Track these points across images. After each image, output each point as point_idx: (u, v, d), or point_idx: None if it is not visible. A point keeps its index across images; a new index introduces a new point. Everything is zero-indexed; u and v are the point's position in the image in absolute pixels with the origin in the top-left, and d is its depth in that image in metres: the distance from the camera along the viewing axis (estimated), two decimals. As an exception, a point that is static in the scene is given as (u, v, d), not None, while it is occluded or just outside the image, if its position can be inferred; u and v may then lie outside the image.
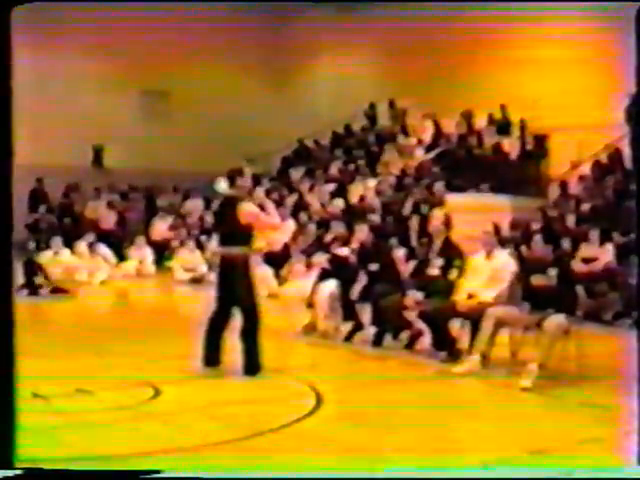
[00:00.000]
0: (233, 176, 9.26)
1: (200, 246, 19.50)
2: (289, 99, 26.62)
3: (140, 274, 19.33)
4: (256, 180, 23.36)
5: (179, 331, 11.85)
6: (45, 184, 22.93)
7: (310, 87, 27.55)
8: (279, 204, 19.81)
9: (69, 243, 18.66)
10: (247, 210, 8.94)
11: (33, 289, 15.86)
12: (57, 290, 16.20)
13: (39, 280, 16.09)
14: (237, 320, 9.00)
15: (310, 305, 11.71)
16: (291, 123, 25.05)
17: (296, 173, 23.50)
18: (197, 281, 18.00)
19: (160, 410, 7.58)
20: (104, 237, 20.53)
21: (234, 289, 8.92)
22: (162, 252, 20.09)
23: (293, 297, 14.22)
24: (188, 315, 14.86)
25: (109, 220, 22.24)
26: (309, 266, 15.70)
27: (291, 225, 18.80)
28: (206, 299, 16.46)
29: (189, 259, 18.82)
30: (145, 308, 16.10)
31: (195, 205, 22.68)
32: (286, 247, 17.63)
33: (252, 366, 8.81)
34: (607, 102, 18.61)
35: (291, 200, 21.16)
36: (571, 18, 20.82)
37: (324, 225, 18.53)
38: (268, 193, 22.04)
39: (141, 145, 24.26)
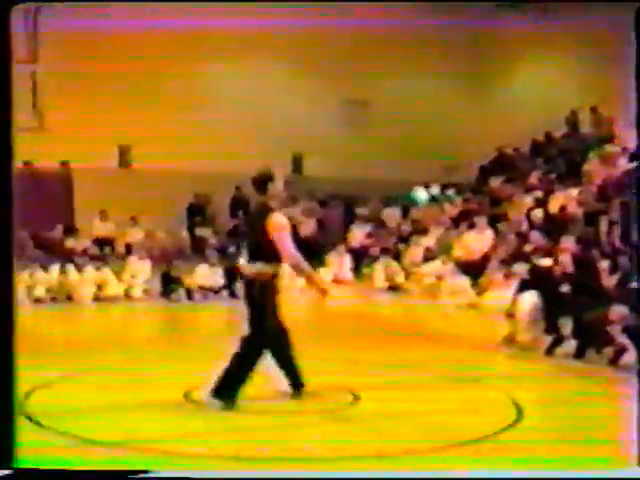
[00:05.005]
0: (264, 181, 8.00)
1: (397, 254, 19.58)
2: (488, 107, 26.36)
3: (338, 281, 19.54)
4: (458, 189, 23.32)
5: (378, 338, 11.95)
6: (246, 191, 23.56)
7: (510, 94, 27.20)
8: (477, 213, 19.66)
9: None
10: (277, 223, 7.76)
11: (233, 292, 16.37)
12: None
13: (239, 284, 16.57)
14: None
15: (510, 316, 11.54)
16: (490, 131, 24.79)
17: (495, 182, 23.22)
18: (395, 289, 18.10)
19: (359, 415, 7.64)
20: (302, 243, 20.86)
21: (260, 310, 7.86)
22: (360, 259, 20.27)
23: (492, 307, 14.04)
24: (386, 322, 14.95)
25: (308, 227, 22.63)
26: (507, 276, 15.47)
27: (489, 235, 18.58)
28: (404, 309, 16.64)
29: (388, 267, 18.89)
30: (344, 314, 16.26)
31: (392, 213, 22.78)
32: (485, 257, 17.42)
33: (224, 393, 7.69)
34: None
35: (490, 210, 20.92)
36: None
37: (523, 235, 18.21)
38: (466, 202, 21.95)
39: (340, 153, 24.57)
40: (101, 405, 7.56)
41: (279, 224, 7.70)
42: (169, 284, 16.53)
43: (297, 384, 8.03)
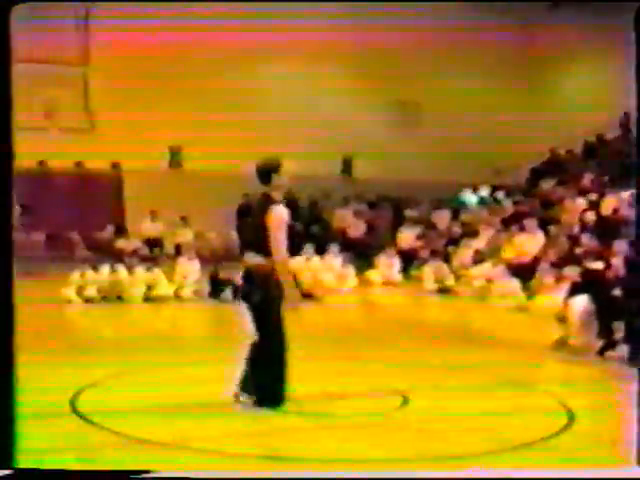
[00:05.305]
0: (268, 171, 7.71)
1: (447, 256, 19.49)
2: (540, 108, 26.15)
3: (387, 283, 19.50)
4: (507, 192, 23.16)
5: (428, 340, 11.90)
6: (295, 192, 23.64)
7: (562, 95, 26.98)
8: (528, 216, 19.51)
9: (317, 250, 19.07)
10: (276, 216, 7.51)
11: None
12: (305, 295, 16.66)
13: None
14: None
15: (561, 319, 11.42)
16: (541, 133, 24.60)
17: (547, 184, 23.03)
18: (444, 291, 17.99)
19: (408, 418, 7.60)
20: (351, 245, 20.92)
21: (256, 306, 7.68)
22: (409, 261, 20.21)
23: (543, 311, 13.91)
24: (436, 325, 14.87)
25: (357, 229, 22.65)
26: (559, 279, 15.30)
27: (540, 237, 18.42)
28: (454, 312, 16.56)
29: (438, 269, 18.78)
30: (393, 316, 16.22)
31: (442, 215, 22.69)
32: (535, 259, 17.27)
33: (264, 398, 7.58)
34: None
35: (541, 212, 20.75)
36: None
37: (575, 238, 18.04)
38: (517, 204, 21.77)
39: (390, 155, 24.54)
40: (150, 404, 7.59)
41: (278, 218, 7.48)
42: (217, 285, 16.57)
43: (248, 387, 7.65)
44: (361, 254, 20.54)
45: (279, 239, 7.46)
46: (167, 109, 22.73)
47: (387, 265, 19.85)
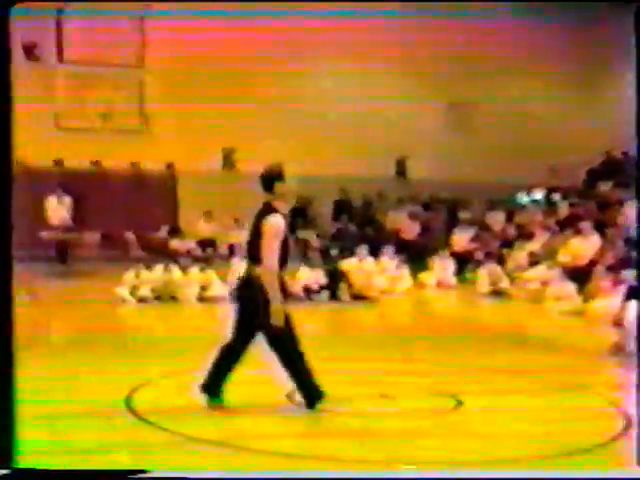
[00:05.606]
0: (270, 179, 7.51)
1: (501, 259, 19.33)
2: (597, 109, 25.86)
3: (441, 285, 19.39)
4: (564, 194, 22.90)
5: (482, 343, 11.83)
6: (349, 194, 23.68)
7: (618, 96, 26.63)
8: (584, 218, 19.28)
9: (371, 252, 19.06)
10: (271, 226, 7.37)
11: (334, 294, 16.44)
12: (358, 296, 16.67)
13: (341, 286, 16.60)
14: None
15: (618, 324, 11.27)
16: (599, 134, 24.32)
17: (604, 186, 22.74)
18: (499, 294, 17.84)
19: (462, 421, 7.54)
20: (405, 247, 20.83)
21: (253, 314, 7.53)
22: (463, 263, 20.08)
23: (599, 315, 13.73)
24: (491, 328, 14.76)
25: (411, 230, 22.56)
26: (615, 283, 15.09)
27: (596, 240, 18.19)
28: (509, 315, 16.42)
29: (492, 272, 18.62)
30: (447, 318, 16.14)
31: (497, 217, 22.52)
32: (591, 262, 17.06)
33: (310, 399, 7.55)
34: None
35: (598, 214, 20.49)
36: None
37: (632, 241, 17.79)
38: (573, 206, 21.53)
39: (445, 157, 24.42)
40: (204, 404, 7.61)
41: (274, 227, 7.33)
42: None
43: (211, 388, 7.63)
44: (415, 256, 20.45)
45: (270, 248, 7.33)
46: (221, 110, 22.82)
47: (441, 267, 19.74)
